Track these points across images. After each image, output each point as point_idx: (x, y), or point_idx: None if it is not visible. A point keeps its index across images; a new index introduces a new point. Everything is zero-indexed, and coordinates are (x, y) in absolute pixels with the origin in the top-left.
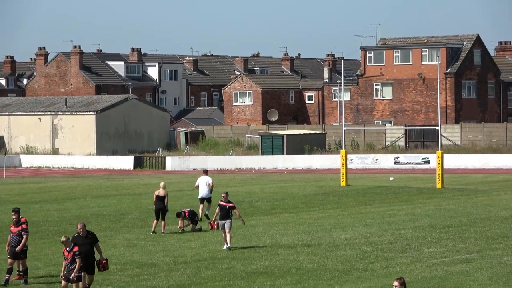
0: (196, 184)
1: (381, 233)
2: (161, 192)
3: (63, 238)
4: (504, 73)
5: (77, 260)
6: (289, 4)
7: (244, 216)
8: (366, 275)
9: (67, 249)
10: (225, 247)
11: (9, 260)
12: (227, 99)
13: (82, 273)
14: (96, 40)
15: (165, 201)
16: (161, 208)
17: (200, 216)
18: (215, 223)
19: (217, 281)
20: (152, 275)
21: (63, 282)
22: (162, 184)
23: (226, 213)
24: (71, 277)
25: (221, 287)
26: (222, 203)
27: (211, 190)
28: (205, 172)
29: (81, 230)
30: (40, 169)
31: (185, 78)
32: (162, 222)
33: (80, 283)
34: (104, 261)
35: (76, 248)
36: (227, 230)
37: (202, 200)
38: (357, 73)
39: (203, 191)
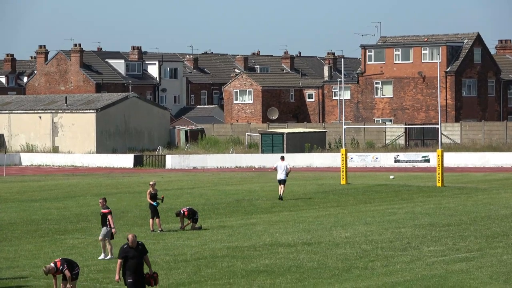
0: (274, 166)
1: (381, 232)
2: (151, 190)
3: (45, 270)
4: (505, 71)
5: (66, 272)
6: (290, 2)
7: (244, 215)
8: (366, 274)
9: (54, 273)
10: (101, 256)
11: None
12: (227, 97)
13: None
14: (96, 38)
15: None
16: (150, 206)
17: (280, 195)
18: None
19: (217, 279)
20: None
21: (61, 285)
22: (150, 182)
23: (103, 220)
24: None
25: (221, 285)
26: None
27: (287, 173)
28: (282, 158)
29: (132, 242)
30: (40, 167)
31: (185, 76)
32: (157, 220)
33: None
34: (155, 275)
35: (58, 264)
36: (100, 238)
37: (279, 181)
38: (357, 72)
39: (280, 174)
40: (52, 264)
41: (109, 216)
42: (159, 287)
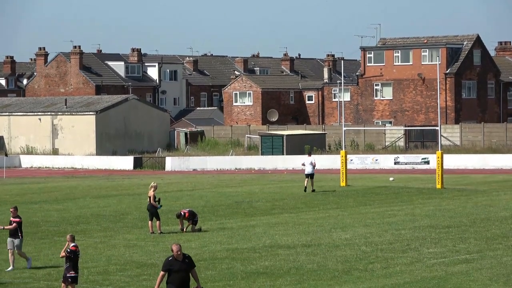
0: (303, 162)
1: (381, 234)
2: (149, 192)
3: (68, 237)
4: (504, 73)
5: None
6: (289, 4)
7: (244, 217)
8: (366, 276)
9: (68, 248)
10: (10, 268)
11: None
12: (227, 99)
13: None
14: (96, 40)
15: (151, 201)
16: (149, 208)
17: (312, 188)
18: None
19: (217, 281)
20: (152, 276)
21: (62, 284)
22: (151, 184)
23: (14, 230)
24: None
25: (221, 287)
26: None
27: (314, 167)
28: (309, 154)
29: (178, 252)
30: (40, 170)
31: (185, 78)
32: (157, 222)
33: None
34: None
35: (73, 248)
36: (10, 249)
37: (307, 175)
38: (357, 73)
39: (307, 169)
40: (73, 245)
41: (7, 226)
42: None
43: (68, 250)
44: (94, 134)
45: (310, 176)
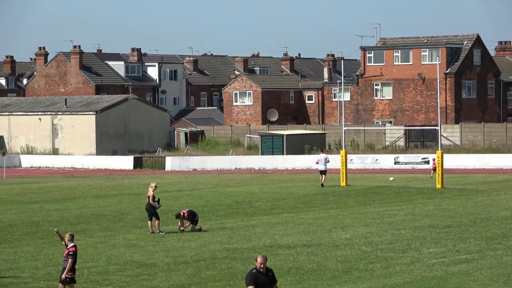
0: (316, 160)
1: (381, 233)
2: (148, 192)
3: (68, 237)
4: (504, 73)
5: (69, 260)
6: (289, 4)
7: (244, 216)
8: (366, 275)
9: (68, 247)
10: None
11: None
12: (227, 99)
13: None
14: (96, 40)
15: (150, 200)
16: (147, 208)
17: (322, 182)
18: None
19: (217, 281)
20: (152, 275)
21: (60, 285)
22: (151, 184)
23: None
24: (61, 277)
25: (221, 287)
26: None
27: (326, 163)
28: (322, 150)
29: (262, 265)
30: (40, 169)
31: (185, 78)
32: (156, 222)
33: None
34: None
35: (72, 249)
36: None
37: (321, 172)
38: (357, 73)
39: (321, 166)
40: (72, 245)
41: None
42: None
43: (71, 253)
44: (94, 134)
45: (324, 172)
